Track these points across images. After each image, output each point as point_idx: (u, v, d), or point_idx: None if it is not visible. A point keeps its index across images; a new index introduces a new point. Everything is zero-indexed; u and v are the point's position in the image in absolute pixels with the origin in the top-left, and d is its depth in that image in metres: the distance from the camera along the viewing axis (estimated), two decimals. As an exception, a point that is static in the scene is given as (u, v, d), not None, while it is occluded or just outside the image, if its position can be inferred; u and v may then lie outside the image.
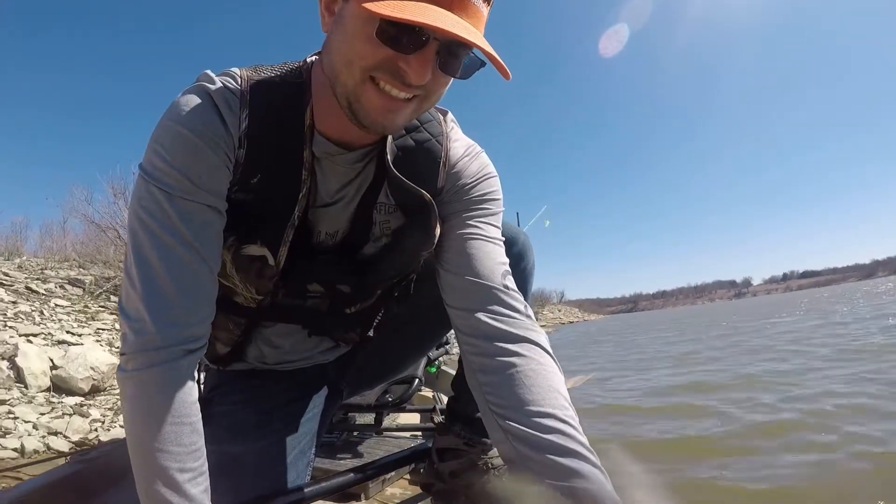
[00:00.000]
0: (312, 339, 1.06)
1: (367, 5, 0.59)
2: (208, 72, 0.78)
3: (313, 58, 0.83)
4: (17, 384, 2.93)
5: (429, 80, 0.66)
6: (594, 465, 0.65)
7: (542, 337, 0.80)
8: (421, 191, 0.83)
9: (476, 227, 0.87)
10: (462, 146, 0.91)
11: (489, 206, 0.90)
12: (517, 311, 0.81)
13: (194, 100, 0.74)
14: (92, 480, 1.27)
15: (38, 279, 6.61)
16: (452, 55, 0.66)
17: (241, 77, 0.78)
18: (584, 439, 0.68)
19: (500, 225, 0.91)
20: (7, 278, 6.26)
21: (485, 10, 0.66)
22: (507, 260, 0.87)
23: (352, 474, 1.01)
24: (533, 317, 0.83)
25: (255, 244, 0.82)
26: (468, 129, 0.96)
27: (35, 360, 3.11)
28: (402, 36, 0.62)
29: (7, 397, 2.68)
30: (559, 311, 63.78)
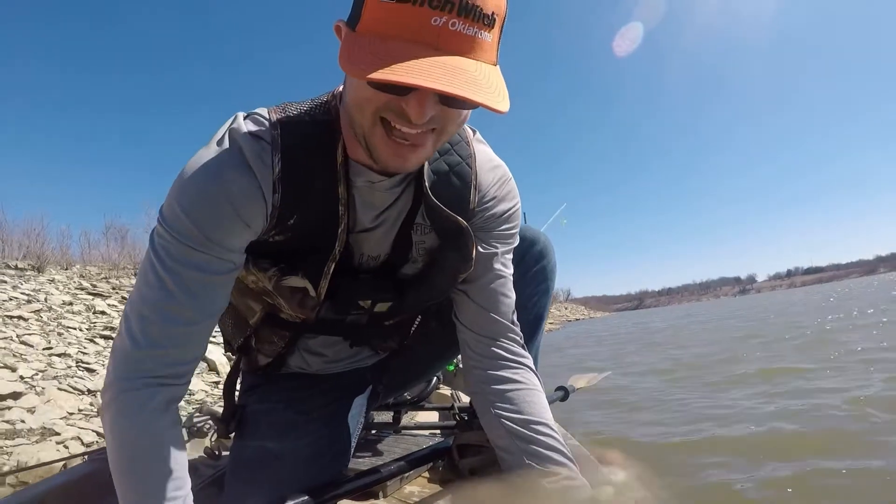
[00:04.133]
0: (353, 349, 1.11)
1: (354, 72, 0.59)
2: (239, 117, 0.79)
3: (341, 88, 0.82)
4: (211, 371, 4.24)
5: (436, 115, 0.67)
6: (570, 459, 0.85)
7: (531, 362, 0.98)
8: (457, 217, 0.87)
9: (504, 264, 0.96)
10: (490, 167, 0.93)
11: (513, 240, 0.99)
12: (518, 343, 0.98)
13: (223, 154, 0.75)
14: (109, 480, 1.26)
15: (115, 289, 6.86)
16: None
17: (269, 120, 0.78)
18: (565, 444, 0.87)
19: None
20: (102, 289, 6.45)
21: (487, 36, 0.63)
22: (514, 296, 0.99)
23: (374, 473, 1.00)
24: (525, 346, 1.00)
25: (296, 276, 0.85)
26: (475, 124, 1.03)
27: (216, 353, 4.33)
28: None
29: (218, 379, 4.00)
30: (566, 308, 63.95)
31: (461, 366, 2.02)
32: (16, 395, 2.57)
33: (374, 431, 1.81)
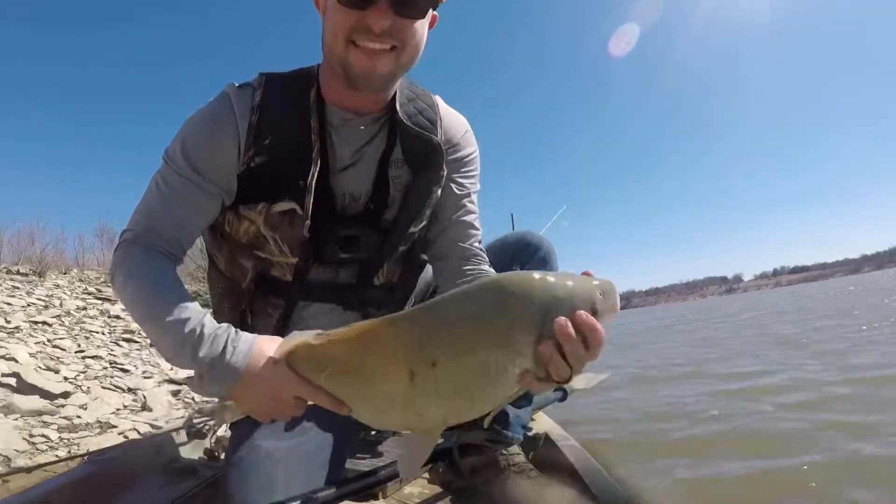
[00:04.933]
0: (348, 315, 1.12)
1: None
2: (234, 83, 1.00)
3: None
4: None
5: (392, 26, 0.85)
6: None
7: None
8: (430, 136, 1.04)
9: (473, 202, 1.13)
10: (453, 115, 1.12)
11: (477, 182, 1.16)
12: (485, 261, 1.10)
13: (213, 102, 0.98)
14: (109, 481, 1.29)
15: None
16: (403, 1, 0.85)
17: (258, 75, 1.01)
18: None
19: None
20: (108, 293, 6.49)
21: None
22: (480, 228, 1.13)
23: (374, 474, 1.02)
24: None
25: (283, 200, 0.97)
26: (466, 114, 1.16)
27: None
28: None
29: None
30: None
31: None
32: (66, 394, 2.89)
33: (373, 432, 1.77)
